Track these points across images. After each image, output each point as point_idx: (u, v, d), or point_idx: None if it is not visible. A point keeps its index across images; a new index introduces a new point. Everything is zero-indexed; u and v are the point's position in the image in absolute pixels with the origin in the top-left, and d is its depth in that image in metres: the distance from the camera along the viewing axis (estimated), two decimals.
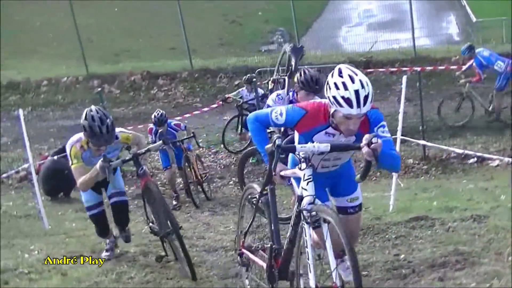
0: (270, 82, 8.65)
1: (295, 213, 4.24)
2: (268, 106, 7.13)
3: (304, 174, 4.14)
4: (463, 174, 11.38)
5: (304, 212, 4.06)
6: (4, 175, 11.84)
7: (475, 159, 11.75)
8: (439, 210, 7.49)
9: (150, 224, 6.69)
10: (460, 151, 10.41)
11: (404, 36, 20.97)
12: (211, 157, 14.14)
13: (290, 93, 7.21)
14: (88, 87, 20.23)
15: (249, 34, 26.07)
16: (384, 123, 4.31)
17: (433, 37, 25.12)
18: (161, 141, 6.52)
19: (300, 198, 4.15)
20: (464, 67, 14.44)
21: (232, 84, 18.81)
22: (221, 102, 14.51)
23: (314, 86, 6.59)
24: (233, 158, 14.09)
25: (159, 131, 10.67)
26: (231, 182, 12.66)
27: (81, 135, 6.17)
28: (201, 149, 13.42)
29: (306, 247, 4.02)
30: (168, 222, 6.08)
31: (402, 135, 8.22)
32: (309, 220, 4.02)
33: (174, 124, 11.13)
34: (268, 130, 6.17)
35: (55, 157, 11.96)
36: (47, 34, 26.74)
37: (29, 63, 23.36)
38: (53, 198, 12.09)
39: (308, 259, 3.99)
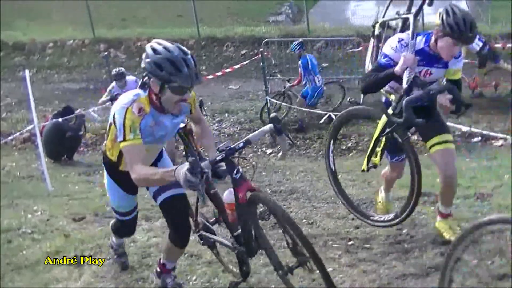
0: (377, 26, 6.34)
1: None
2: (385, 55, 4.94)
3: None
4: (467, 152, 11.37)
5: None
6: (10, 138, 11.88)
7: (479, 138, 11.73)
8: None
9: (202, 232, 4.90)
10: (466, 128, 10.36)
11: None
12: (215, 125, 14.13)
13: (420, 38, 4.86)
14: (94, 51, 20.23)
15: (257, 4, 25.78)
16: None
17: None
18: (268, 126, 4.28)
19: None
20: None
21: (238, 54, 18.74)
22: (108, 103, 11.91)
23: (467, 33, 4.47)
24: (237, 128, 14.11)
25: None
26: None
27: (136, 92, 4.07)
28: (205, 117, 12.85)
29: None
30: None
31: None
32: None
33: None
34: None
35: (60, 119, 11.92)
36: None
37: (35, 25, 23.24)
38: (56, 161, 12.11)
39: None
